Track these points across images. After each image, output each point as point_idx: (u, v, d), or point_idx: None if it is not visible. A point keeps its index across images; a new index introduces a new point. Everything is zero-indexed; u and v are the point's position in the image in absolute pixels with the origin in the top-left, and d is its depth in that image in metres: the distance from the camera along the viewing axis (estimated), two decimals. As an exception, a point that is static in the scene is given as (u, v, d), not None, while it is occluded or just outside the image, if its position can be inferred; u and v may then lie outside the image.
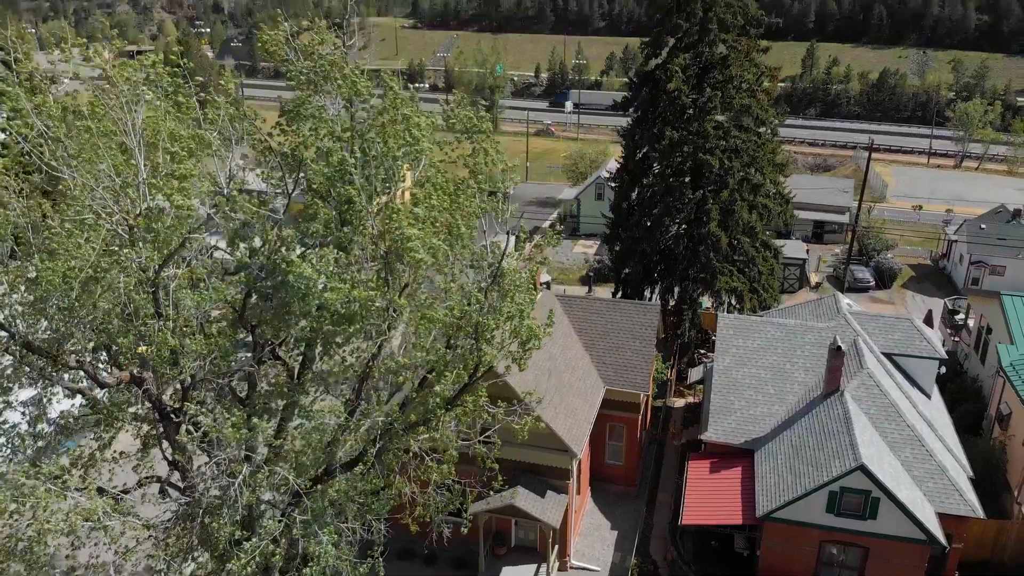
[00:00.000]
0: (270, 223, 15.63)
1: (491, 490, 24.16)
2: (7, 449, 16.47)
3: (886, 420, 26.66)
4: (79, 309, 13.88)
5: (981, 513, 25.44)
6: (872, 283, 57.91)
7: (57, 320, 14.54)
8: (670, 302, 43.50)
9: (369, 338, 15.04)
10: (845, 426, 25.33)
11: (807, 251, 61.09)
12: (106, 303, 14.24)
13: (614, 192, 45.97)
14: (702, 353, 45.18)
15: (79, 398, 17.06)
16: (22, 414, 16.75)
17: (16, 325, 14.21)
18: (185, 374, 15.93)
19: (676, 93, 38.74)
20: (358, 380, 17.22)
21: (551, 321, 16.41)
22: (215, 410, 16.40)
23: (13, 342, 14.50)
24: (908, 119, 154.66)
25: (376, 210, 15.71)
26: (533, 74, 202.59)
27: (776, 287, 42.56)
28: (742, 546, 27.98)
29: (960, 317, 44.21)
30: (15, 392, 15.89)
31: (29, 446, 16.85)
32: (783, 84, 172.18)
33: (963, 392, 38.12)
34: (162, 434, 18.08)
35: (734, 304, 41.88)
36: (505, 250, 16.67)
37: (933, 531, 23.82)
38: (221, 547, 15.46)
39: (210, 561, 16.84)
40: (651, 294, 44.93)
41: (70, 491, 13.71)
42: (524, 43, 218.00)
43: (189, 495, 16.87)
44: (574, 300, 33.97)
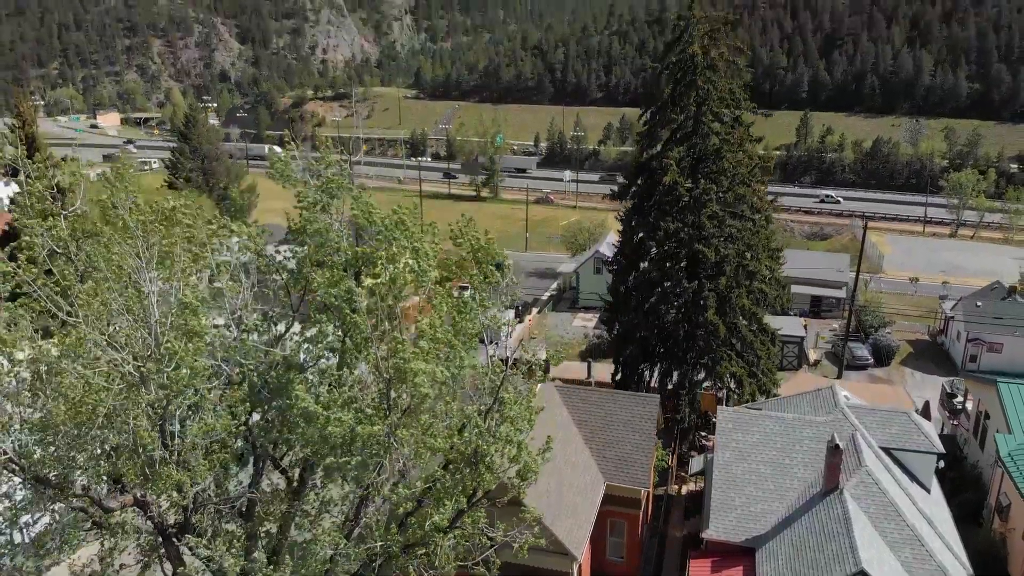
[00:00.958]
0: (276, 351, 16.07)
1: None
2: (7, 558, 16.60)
3: (885, 519, 26.65)
4: (88, 444, 14.24)
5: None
6: (871, 361, 58.17)
7: (64, 451, 14.86)
8: (669, 385, 43.77)
9: (367, 468, 15.33)
10: (845, 527, 25.32)
11: (805, 327, 61.49)
12: (113, 437, 14.60)
13: (612, 275, 46.73)
14: (703, 436, 45.22)
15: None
16: (20, 531, 16.96)
17: (26, 459, 14.54)
18: (188, 499, 16.19)
19: (672, 185, 39.71)
20: (357, 501, 17.44)
21: (549, 446, 16.71)
22: (215, 534, 16.58)
23: (24, 474, 14.81)
24: (903, 186, 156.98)
25: (380, 335, 16.17)
26: (532, 143, 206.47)
27: (775, 371, 42.87)
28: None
29: (958, 401, 44.37)
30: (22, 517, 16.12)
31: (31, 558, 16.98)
32: (778, 152, 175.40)
33: (963, 480, 38.02)
34: (163, 553, 18.25)
35: (733, 389, 42.11)
36: (505, 374, 17.05)
37: (936, 637, 23.61)
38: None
39: None
40: (650, 376, 45.23)
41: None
42: (524, 113, 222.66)
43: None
44: (573, 390, 34.24)
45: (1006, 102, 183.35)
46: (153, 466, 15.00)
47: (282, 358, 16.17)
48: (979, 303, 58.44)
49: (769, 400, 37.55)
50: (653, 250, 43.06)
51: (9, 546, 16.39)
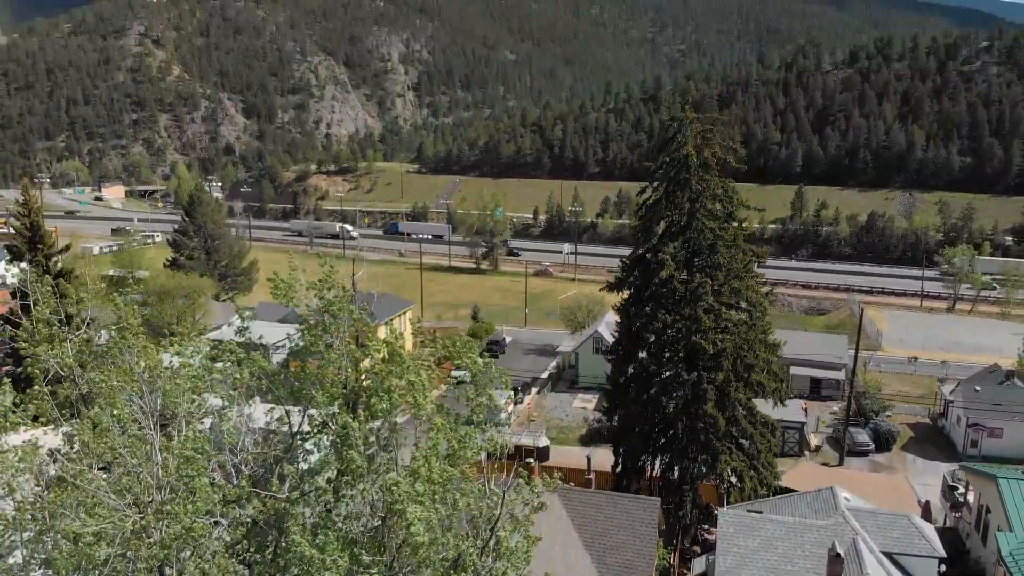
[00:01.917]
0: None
1: None
2: None
3: (890, 631, 26.35)
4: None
5: None
6: (872, 447, 57.93)
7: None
8: (671, 476, 43.60)
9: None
10: (848, 641, 25.03)
11: (805, 411, 61.46)
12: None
13: (611, 364, 47.00)
14: (705, 529, 44.80)
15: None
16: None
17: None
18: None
19: (668, 279, 40.34)
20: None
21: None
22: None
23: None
24: (899, 260, 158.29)
25: (375, 476, 16.37)
26: (531, 216, 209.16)
27: (775, 464, 42.75)
28: None
29: (960, 493, 44.11)
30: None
31: None
32: (774, 225, 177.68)
33: (968, 577, 37.56)
34: None
35: (734, 483, 41.93)
36: (502, 505, 17.16)
37: None
38: None
39: None
40: (651, 468, 45.09)
41: None
42: (523, 187, 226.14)
43: None
44: (573, 493, 34.13)
45: (999, 175, 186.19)
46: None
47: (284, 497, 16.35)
48: (978, 388, 58.56)
49: (769, 500, 37.37)
50: (651, 338, 43.48)
51: None
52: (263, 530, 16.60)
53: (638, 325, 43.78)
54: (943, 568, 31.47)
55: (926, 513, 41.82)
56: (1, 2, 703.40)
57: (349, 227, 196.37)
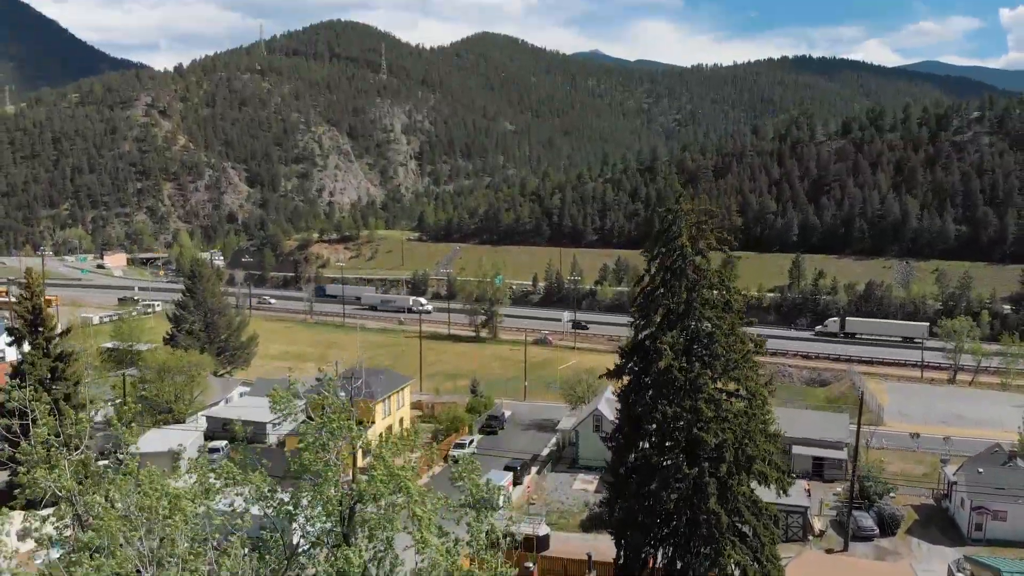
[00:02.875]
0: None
1: None
2: None
3: None
4: None
5: None
6: (876, 531, 57.09)
7: None
8: (672, 572, 42.90)
9: None
10: None
11: (808, 493, 60.75)
12: None
13: (612, 452, 46.69)
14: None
15: None
16: None
17: None
18: None
19: (667, 369, 40.44)
20: None
21: None
22: None
23: None
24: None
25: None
26: (531, 283, 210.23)
27: (778, 557, 42.09)
28: None
29: (967, 584, 43.43)
30: None
31: None
32: (772, 294, 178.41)
33: None
34: None
35: (737, 576, 41.24)
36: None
37: None
38: None
39: None
40: (654, 560, 44.39)
41: None
42: (522, 255, 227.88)
43: None
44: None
45: (995, 243, 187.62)
46: None
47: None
48: (980, 470, 58.08)
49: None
50: (653, 427, 43.31)
51: None
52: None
53: (638, 412, 43.70)
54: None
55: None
56: (9, 72, 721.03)
57: (423, 300, 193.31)
